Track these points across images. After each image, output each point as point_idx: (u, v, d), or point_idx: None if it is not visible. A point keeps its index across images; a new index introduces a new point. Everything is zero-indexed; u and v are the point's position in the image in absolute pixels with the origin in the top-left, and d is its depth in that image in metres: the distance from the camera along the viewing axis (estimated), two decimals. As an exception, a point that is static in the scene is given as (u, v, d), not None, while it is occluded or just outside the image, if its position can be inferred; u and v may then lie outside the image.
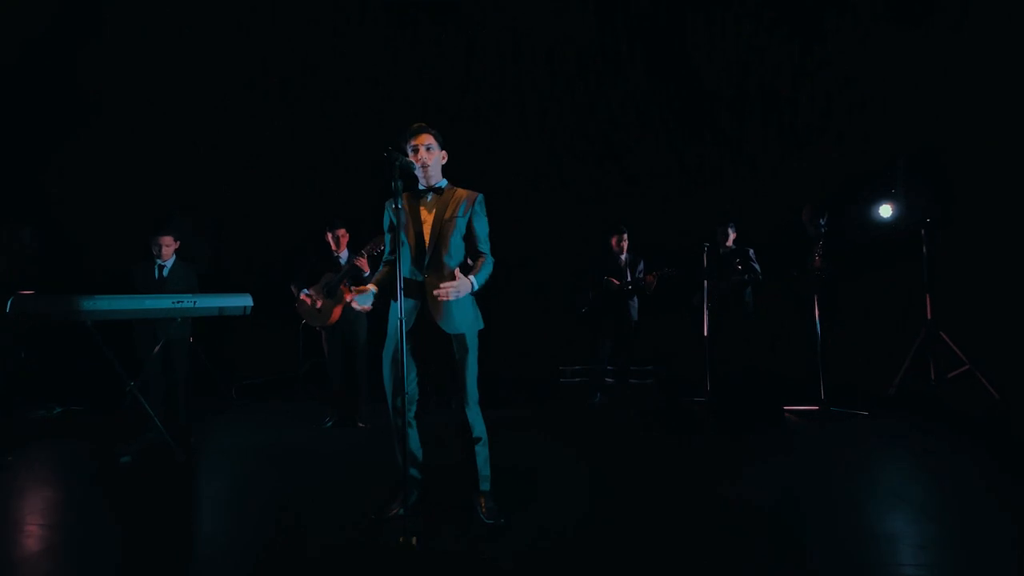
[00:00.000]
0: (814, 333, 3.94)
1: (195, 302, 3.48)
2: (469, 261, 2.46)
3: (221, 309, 3.61)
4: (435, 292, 2.16)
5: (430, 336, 2.32)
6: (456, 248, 2.35)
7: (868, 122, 4.83)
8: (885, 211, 4.99)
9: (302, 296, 4.04)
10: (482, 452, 2.35)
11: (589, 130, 5.90)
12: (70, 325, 3.24)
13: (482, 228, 2.40)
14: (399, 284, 2.08)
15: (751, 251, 4.87)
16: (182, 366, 3.81)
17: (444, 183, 2.42)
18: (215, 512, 2.53)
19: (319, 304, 3.98)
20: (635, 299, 4.81)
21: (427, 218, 2.37)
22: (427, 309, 2.28)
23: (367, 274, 3.92)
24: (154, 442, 3.43)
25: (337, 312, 4.01)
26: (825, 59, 5.06)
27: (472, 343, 2.33)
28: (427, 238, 2.31)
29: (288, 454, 3.40)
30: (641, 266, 4.88)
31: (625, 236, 4.89)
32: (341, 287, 4.00)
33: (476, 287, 2.29)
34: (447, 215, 2.34)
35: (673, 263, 4.69)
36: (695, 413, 4.19)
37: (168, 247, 3.78)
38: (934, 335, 4.21)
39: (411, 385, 2.36)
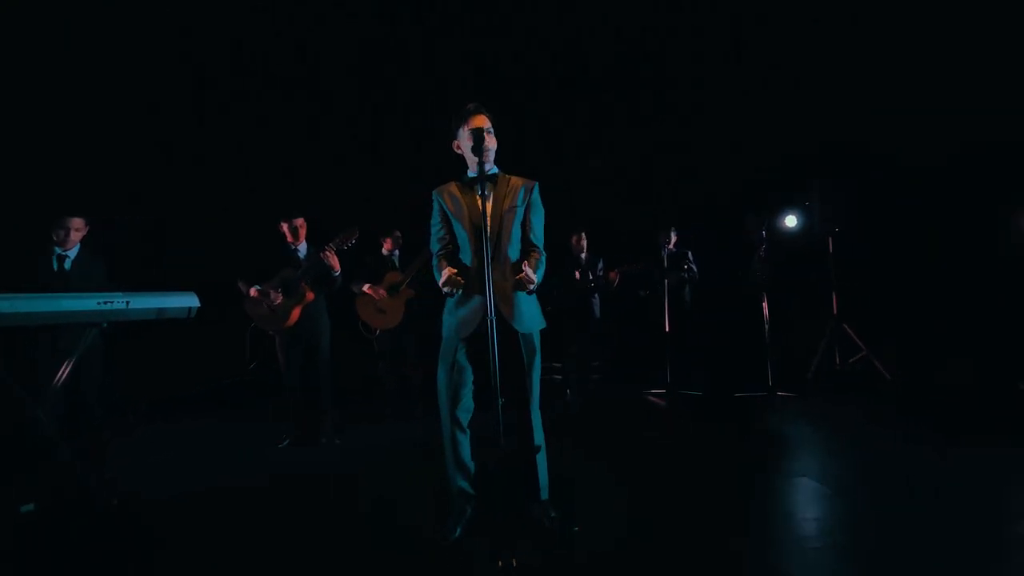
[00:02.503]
0: (761, 326, 4.41)
1: (128, 302, 2.77)
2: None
3: (160, 311, 2.91)
4: (519, 276, 1.99)
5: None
6: (516, 240, 2.20)
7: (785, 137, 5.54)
8: (791, 221, 5.81)
9: (252, 293, 3.45)
10: (542, 459, 2.21)
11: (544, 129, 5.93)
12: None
13: (538, 220, 2.27)
14: (487, 280, 1.86)
15: (689, 253, 5.30)
16: (94, 384, 3.02)
17: (496, 170, 2.24)
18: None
19: (277, 302, 3.44)
20: (596, 297, 4.94)
21: (488, 208, 2.18)
22: (496, 312, 2.08)
23: (337, 272, 3.49)
24: (68, 484, 2.66)
25: (296, 313, 3.51)
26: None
27: (538, 343, 2.19)
28: (488, 230, 2.12)
29: (261, 488, 2.86)
30: (600, 264, 5.03)
31: (584, 235, 5.01)
32: (302, 284, 3.50)
33: (537, 283, 2.15)
34: (506, 205, 2.17)
35: (629, 261, 4.91)
36: (659, 405, 4.43)
37: (77, 232, 2.98)
38: (839, 327, 4.99)
39: (468, 392, 2.15)
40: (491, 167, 2.21)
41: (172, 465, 3.29)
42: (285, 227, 3.57)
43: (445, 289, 2.06)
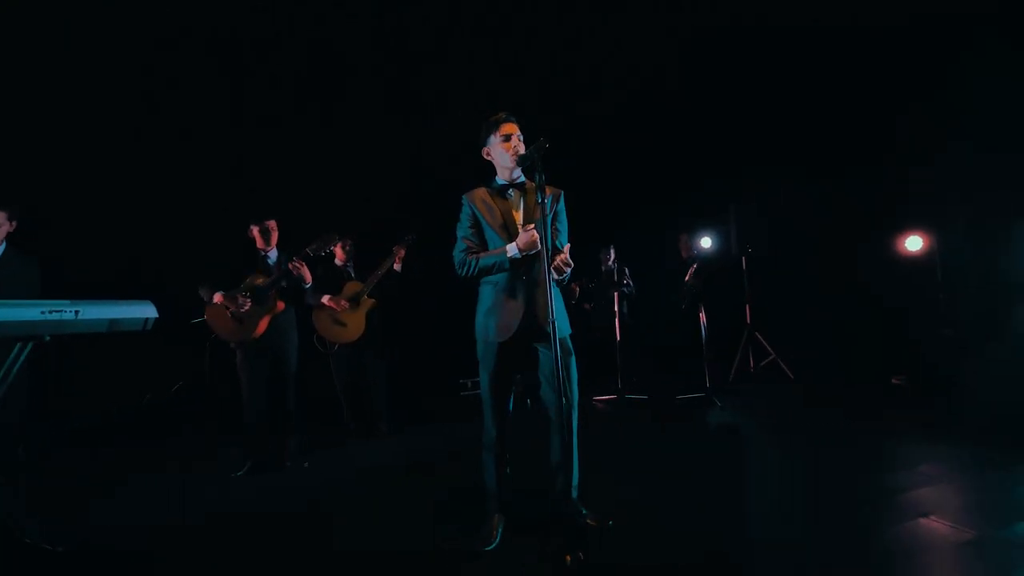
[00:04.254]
0: (699, 336, 4.91)
1: (77, 312, 2.36)
2: None
3: (113, 322, 2.52)
4: (559, 258, 2.05)
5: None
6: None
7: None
8: (706, 242, 6.54)
9: (217, 299, 3.09)
10: (575, 459, 2.29)
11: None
12: None
13: (564, 228, 2.37)
14: (549, 285, 1.92)
15: (626, 269, 5.73)
16: (18, 411, 2.49)
17: (523, 178, 2.32)
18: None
19: (244, 309, 3.12)
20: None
21: (517, 217, 2.25)
22: (533, 315, 2.14)
23: (308, 284, 3.29)
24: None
25: (264, 323, 3.21)
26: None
27: (571, 346, 2.28)
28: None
29: (243, 524, 2.56)
30: (554, 278, 5.23)
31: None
32: (272, 293, 3.22)
33: (569, 273, 2.23)
34: (537, 213, 2.25)
35: (580, 277, 5.19)
36: (608, 410, 4.70)
37: (-1, 228, 2.47)
38: (751, 335, 5.72)
39: (511, 396, 2.18)
40: (519, 175, 2.29)
41: (119, 505, 2.81)
42: (256, 231, 3.27)
43: (518, 251, 2.08)
